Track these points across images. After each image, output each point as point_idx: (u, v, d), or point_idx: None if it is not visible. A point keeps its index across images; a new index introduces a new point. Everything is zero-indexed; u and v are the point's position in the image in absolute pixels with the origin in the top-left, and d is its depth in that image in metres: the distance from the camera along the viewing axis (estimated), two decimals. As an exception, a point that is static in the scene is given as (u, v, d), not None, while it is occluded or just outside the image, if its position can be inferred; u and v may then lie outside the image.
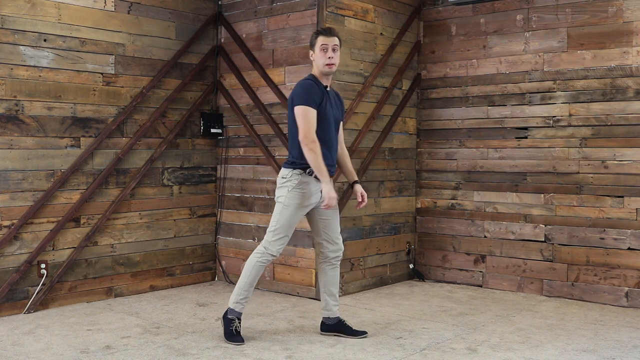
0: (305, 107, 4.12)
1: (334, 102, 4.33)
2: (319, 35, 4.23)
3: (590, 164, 5.57)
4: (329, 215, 4.38)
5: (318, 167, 4.11)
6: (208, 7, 6.22)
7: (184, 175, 6.11)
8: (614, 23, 5.44)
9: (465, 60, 6.21)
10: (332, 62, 4.20)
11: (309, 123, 4.11)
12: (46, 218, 5.17)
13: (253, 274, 4.28)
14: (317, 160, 4.09)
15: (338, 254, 4.45)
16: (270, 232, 4.26)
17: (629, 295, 5.39)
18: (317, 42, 4.22)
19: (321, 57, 4.20)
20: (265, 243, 4.27)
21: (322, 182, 4.12)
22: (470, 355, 4.08)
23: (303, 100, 4.13)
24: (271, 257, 4.27)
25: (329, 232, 4.40)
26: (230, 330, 4.30)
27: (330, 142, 4.28)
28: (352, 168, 4.59)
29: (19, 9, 4.97)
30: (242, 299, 4.32)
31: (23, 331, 4.57)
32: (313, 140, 4.08)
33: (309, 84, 4.18)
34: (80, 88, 5.33)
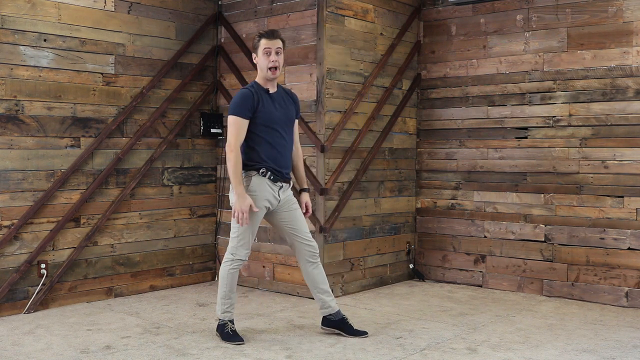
0: (234, 116, 4.15)
1: (283, 103, 4.32)
2: (261, 38, 4.21)
3: (590, 164, 5.57)
4: (290, 217, 4.37)
5: (233, 176, 4.12)
6: (208, 7, 6.22)
7: (184, 175, 6.11)
8: (614, 23, 5.44)
9: (465, 60, 6.21)
10: (275, 66, 4.19)
11: (235, 133, 4.13)
12: (46, 218, 5.17)
13: (229, 282, 4.31)
14: (234, 169, 4.11)
15: (313, 251, 4.41)
16: (234, 238, 4.28)
17: (629, 295, 5.39)
18: (259, 45, 4.20)
19: (264, 60, 4.19)
20: (232, 249, 4.30)
21: (235, 192, 4.12)
22: (470, 355, 4.08)
23: (233, 110, 4.17)
24: (241, 262, 4.30)
25: (295, 233, 4.39)
26: (226, 332, 4.30)
27: (281, 144, 4.28)
28: (303, 173, 4.58)
29: (19, 9, 4.97)
30: (227, 308, 4.35)
31: (23, 331, 4.57)
32: (232, 149, 4.11)
33: (244, 93, 4.19)
34: (80, 88, 5.33)
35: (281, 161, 4.28)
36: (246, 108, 4.15)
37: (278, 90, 4.35)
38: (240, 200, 4.11)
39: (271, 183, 4.24)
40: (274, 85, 4.31)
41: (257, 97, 4.19)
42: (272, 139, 4.24)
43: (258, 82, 4.28)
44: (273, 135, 4.24)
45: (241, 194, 4.11)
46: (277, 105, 4.28)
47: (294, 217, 4.38)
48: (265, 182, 4.23)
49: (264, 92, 4.25)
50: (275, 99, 4.29)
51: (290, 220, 4.38)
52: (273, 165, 4.25)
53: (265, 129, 4.22)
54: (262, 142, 4.22)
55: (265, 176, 4.22)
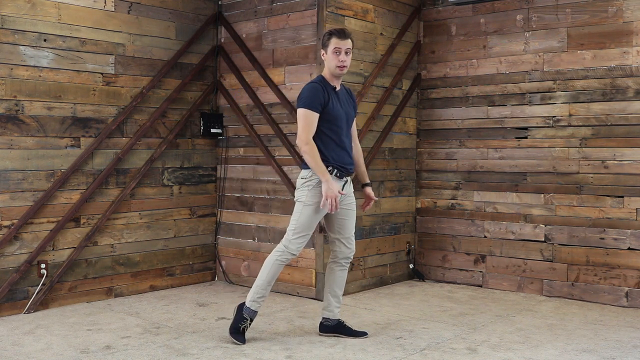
0: (306, 110, 4.14)
1: (344, 100, 4.36)
2: (332, 36, 4.22)
3: (590, 164, 5.57)
4: (345, 215, 4.38)
5: (316, 167, 4.11)
6: (208, 7, 6.22)
7: (184, 175, 6.11)
8: (614, 23, 5.44)
9: (465, 60, 6.21)
10: (344, 65, 4.22)
11: (307, 126, 4.13)
12: (46, 218, 5.17)
13: (272, 273, 4.28)
14: (314, 160, 4.10)
15: (349, 255, 4.46)
16: (291, 230, 4.26)
17: (629, 295, 5.39)
18: (330, 44, 4.21)
19: (333, 59, 4.21)
20: (286, 242, 4.27)
21: (322, 180, 4.11)
22: (470, 355, 4.08)
23: (305, 103, 4.15)
24: (291, 255, 4.28)
25: (343, 232, 4.40)
26: (237, 327, 4.28)
27: (343, 141, 4.29)
28: (364, 169, 4.60)
29: (19, 9, 4.97)
30: (259, 298, 4.30)
31: (23, 331, 4.57)
32: (306, 142, 4.11)
33: (314, 87, 4.19)
34: (80, 88, 5.33)
35: (345, 158, 4.29)
36: (318, 102, 4.14)
37: (341, 88, 4.37)
38: (331, 186, 4.08)
39: (337, 180, 4.24)
40: (339, 83, 4.33)
41: (326, 92, 4.20)
42: (336, 136, 4.24)
43: (325, 78, 4.28)
44: (338, 132, 4.25)
45: (329, 181, 4.09)
46: (341, 103, 4.31)
47: (347, 216, 4.38)
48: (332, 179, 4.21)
49: (331, 88, 4.26)
50: (339, 97, 4.31)
51: (342, 217, 4.37)
52: (338, 162, 4.24)
53: (330, 126, 4.21)
54: (327, 139, 4.21)
55: (332, 173, 4.20)
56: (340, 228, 4.40)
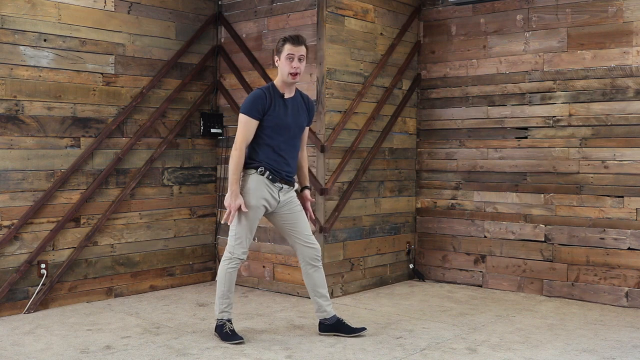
0: (244, 115, 4.18)
1: (297, 108, 4.32)
2: (286, 42, 4.20)
3: (590, 164, 5.57)
4: (291, 219, 4.36)
5: (231, 174, 4.16)
6: (208, 7, 6.22)
7: (184, 175, 6.11)
8: (614, 23, 5.44)
9: (465, 60, 6.21)
10: (296, 72, 4.19)
11: (242, 132, 4.17)
12: (46, 218, 5.17)
13: (228, 281, 4.33)
14: (233, 167, 4.15)
15: (315, 254, 4.41)
16: (232, 237, 4.31)
17: (629, 295, 5.39)
18: (283, 50, 4.19)
19: (286, 65, 4.18)
20: (230, 248, 4.32)
21: (229, 189, 4.17)
22: (470, 355, 4.08)
23: (244, 109, 4.19)
24: (239, 260, 4.32)
25: (298, 235, 4.38)
26: (224, 332, 4.30)
27: (287, 149, 4.28)
28: (306, 173, 4.59)
29: (19, 9, 4.97)
30: (225, 307, 4.35)
31: (23, 331, 4.57)
32: (237, 148, 4.16)
33: (257, 94, 4.20)
34: (80, 88, 5.33)
35: (282, 165, 4.28)
36: (256, 109, 4.16)
37: (295, 95, 4.34)
38: (232, 198, 4.15)
39: (269, 183, 4.24)
40: (291, 90, 4.30)
41: (269, 99, 4.19)
42: (276, 143, 4.24)
43: (275, 85, 4.28)
44: (278, 140, 4.24)
45: (235, 192, 4.15)
46: (289, 111, 4.27)
47: (296, 218, 4.37)
48: (263, 181, 4.23)
49: (278, 95, 4.24)
50: (288, 105, 4.28)
51: (292, 221, 4.37)
52: (273, 166, 4.25)
53: (271, 133, 4.22)
54: (265, 145, 4.23)
55: (263, 175, 4.22)
56: (295, 232, 4.38)
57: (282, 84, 4.26)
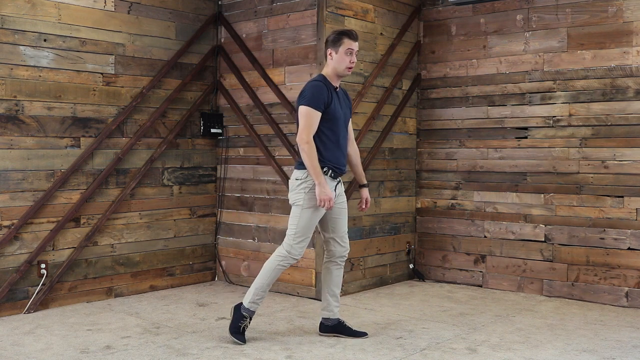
0: (308, 108, 4.12)
1: (342, 101, 4.36)
2: (345, 36, 4.22)
3: (590, 164, 5.57)
4: (338, 214, 4.38)
5: (312, 168, 4.10)
6: (208, 7, 6.22)
7: (184, 175, 6.11)
8: (614, 23, 5.44)
9: (465, 60, 6.21)
10: (353, 66, 4.25)
11: (309, 125, 4.11)
12: (46, 218, 5.17)
13: (272, 276, 4.28)
14: (311, 161, 4.09)
15: (344, 253, 4.45)
16: (291, 235, 4.24)
17: (629, 295, 5.39)
18: (343, 44, 4.20)
19: (344, 59, 4.20)
20: (287, 247, 4.25)
21: (316, 183, 4.10)
22: (470, 355, 4.08)
23: (308, 101, 4.12)
24: (293, 260, 4.28)
25: (336, 231, 4.40)
26: (238, 326, 4.28)
27: (340, 142, 4.29)
28: (361, 170, 4.61)
29: (19, 9, 4.97)
30: (258, 299, 4.31)
31: (23, 331, 4.57)
32: (307, 141, 4.10)
33: (318, 85, 4.17)
34: (80, 88, 5.33)
35: (340, 158, 4.29)
36: (321, 101, 4.13)
37: (339, 88, 4.37)
38: (324, 189, 4.08)
39: (331, 180, 4.24)
40: (339, 83, 4.33)
41: (328, 91, 4.19)
42: (335, 136, 4.24)
43: (327, 77, 4.26)
44: (335, 132, 4.24)
45: (323, 184, 4.09)
46: (341, 103, 4.31)
47: (340, 214, 4.39)
48: (327, 180, 4.21)
49: (332, 88, 4.25)
50: (340, 96, 4.31)
51: (335, 217, 4.37)
52: (334, 162, 4.24)
53: (330, 125, 4.21)
54: (326, 139, 4.21)
55: (326, 174, 4.20)
56: (334, 227, 4.39)
57: (334, 77, 4.26)
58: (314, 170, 4.10)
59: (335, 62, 4.23)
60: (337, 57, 4.21)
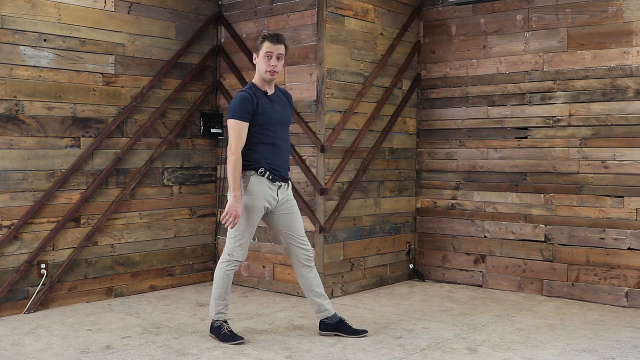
0: (234, 120, 4.15)
1: (280, 104, 4.34)
2: (264, 40, 4.22)
3: (590, 164, 5.57)
4: (289, 218, 4.35)
5: (232, 180, 4.11)
6: (208, 7, 6.22)
7: (184, 175, 6.11)
8: (614, 23, 5.44)
9: (465, 60, 6.21)
10: (274, 70, 4.21)
11: (236, 137, 4.14)
12: (46, 218, 5.17)
13: (225, 283, 4.31)
14: (232, 172, 4.11)
15: (308, 255, 4.41)
16: (232, 238, 4.27)
17: (629, 295, 5.39)
18: (262, 48, 4.21)
19: (264, 63, 4.21)
20: (229, 250, 4.29)
21: (230, 194, 4.12)
22: (470, 355, 4.08)
23: (233, 114, 4.16)
24: (238, 263, 4.31)
25: (291, 235, 4.37)
26: (223, 334, 4.30)
27: (278, 144, 4.29)
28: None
29: (19, 9, 4.97)
30: (221, 309, 4.35)
31: (23, 331, 4.57)
32: (233, 153, 4.12)
33: (243, 95, 4.19)
34: (80, 88, 5.33)
35: (279, 161, 4.29)
36: (245, 111, 4.15)
37: (275, 91, 4.36)
38: (235, 204, 4.11)
39: (270, 183, 4.24)
40: (271, 87, 4.32)
41: (255, 99, 4.19)
42: (270, 140, 4.25)
43: (255, 84, 4.29)
44: (272, 136, 4.25)
45: (237, 198, 4.12)
46: (275, 107, 4.29)
47: (292, 219, 4.37)
48: (264, 182, 4.23)
49: (262, 94, 4.25)
50: (273, 101, 4.30)
51: (287, 222, 4.36)
52: (272, 165, 4.25)
53: (264, 131, 4.23)
54: (260, 144, 4.23)
55: (264, 176, 4.22)
56: (289, 232, 4.37)
57: (261, 82, 4.28)
58: (233, 183, 4.11)
59: (258, 67, 4.25)
60: (259, 61, 4.24)
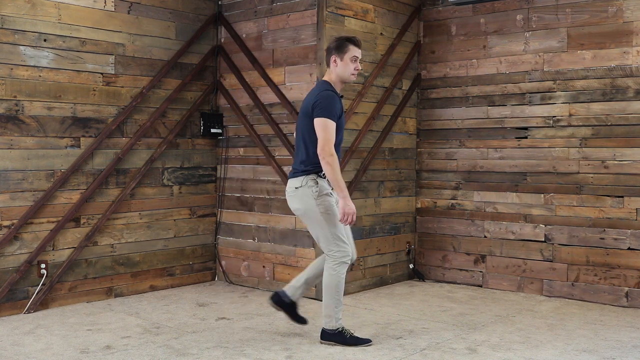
0: (326, 119, 4.08)
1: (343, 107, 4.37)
2: (350, 43, 4.22)
3: (590, 164, 5.57)
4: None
5: (336, 181, 4.04)
6: (208, 7, 6.22)
7: (184, 175, 6.11)
8: (614, 23, 5.44)
9: (465, 60, 6.21)
10: (357, 73, 4.27)
11: (329, 136, 4.07)
12: (46, 218, 5.17)
13: (342, 287, 4.20)
14: (335, 174, 4.03)
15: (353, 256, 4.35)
16: (333, 241, 4.15)
17: (629, 295, 5.39)
18: (349, 51, 4.20)
19: (350, 66, 4.21)
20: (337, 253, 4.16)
21: (340, 196, 4.04)
22: (470, 355, 4.08)
23: (326, 113, 4.08)
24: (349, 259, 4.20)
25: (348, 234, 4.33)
26: (350, 337, 4.22)
27: (339, 149, 4.28)
28: None
29: (19, 9, 4.97)
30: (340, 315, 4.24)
31: (23, 331, 4.57)
32: (331, 154, 4.04)
33: (333, 95, 4.15)
34: (80, 88, 5.33)
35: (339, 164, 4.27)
36: (335, 111, 4.12)
37: None
38: (349, 202, 4.04)
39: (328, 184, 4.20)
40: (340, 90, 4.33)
41: (340, 101, 4.19)
42: (339, 145, 4.22)
43: (332, 85, 4.24)
44: (339, 140, 4.24)
45: (347, 197, 4.05)
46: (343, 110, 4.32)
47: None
48: (326, 182, 4.18)
49: (339, 96, 4.24)
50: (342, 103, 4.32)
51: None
52: None
53: (337, 135, 4.18)
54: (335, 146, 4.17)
55: (325, 177, 4.17)
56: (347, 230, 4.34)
57: (339, 84, 4.27)
58: (338, 184, 4.04)
59: (340, 69, 4.22)
60: (342, 64, 4.21)
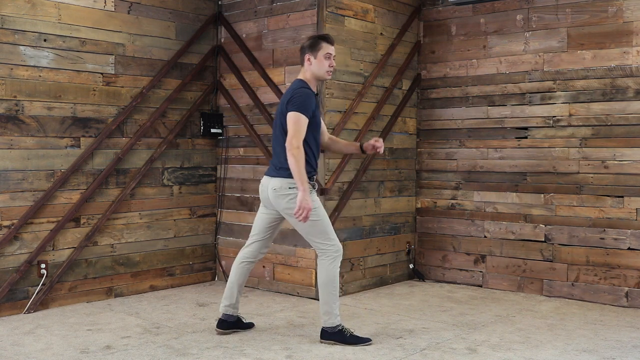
0: (299, 114, 4.11)
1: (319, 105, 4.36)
2: (324, 41, 4.24)
3: (590, 164, 5.57)
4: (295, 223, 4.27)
5: (298, 175, 4.05)
6: (208, 7, 6.22)
7: (184, 175, 6.11)
8: (614, 23, 5.44)
9: (465, 60, 6.21)
10: (332, 70, 4.27)
11: (299, 131, 4.10)
12: (46, 218, 5.17)
13: (337, 282, 4.23)
14: (299, 167, 4.05)
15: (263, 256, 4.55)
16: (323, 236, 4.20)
17: (629, 295, 5.39)
18: (322, 49, 4.22)
19: (324, 64, 4.23)
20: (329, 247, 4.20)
21: (300, 189, 4.05)
22: (470, 355, 4.08)
23: (299, 108, 4.11)
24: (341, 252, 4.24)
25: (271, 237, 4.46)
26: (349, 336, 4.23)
27: (318, 147, 4.32)
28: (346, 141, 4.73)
29: (19, 9, 4.97)
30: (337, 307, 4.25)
31: (23, 331, 4.57)
32: (298, 147, 4.07)
33: (308, 92, 4.18)
34: (80, 88, 5.33)
35: (314, 163, 4.29)
36: (310, 108, 4.14)
37: None
38: (307, 197, 4.04)
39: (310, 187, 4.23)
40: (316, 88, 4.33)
41: (313, 98, 4.20)
42: (316, 143, 4.26)
43: (307, 83, 4.26)
44: (317, 138, 4.27)
45: (307, 191, 4.05)
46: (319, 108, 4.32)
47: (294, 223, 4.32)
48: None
49: (314, 94, 4.25)
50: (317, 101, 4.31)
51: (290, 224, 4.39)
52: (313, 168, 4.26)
53: (313, 132, 4.22)
54: (309, 145, 4.20)
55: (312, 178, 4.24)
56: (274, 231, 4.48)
57: (314, 82, 4.28)
58: (300, 177, 4.05)
59: (315, 67, 4.23)
60: (317, 61, 4.23)
